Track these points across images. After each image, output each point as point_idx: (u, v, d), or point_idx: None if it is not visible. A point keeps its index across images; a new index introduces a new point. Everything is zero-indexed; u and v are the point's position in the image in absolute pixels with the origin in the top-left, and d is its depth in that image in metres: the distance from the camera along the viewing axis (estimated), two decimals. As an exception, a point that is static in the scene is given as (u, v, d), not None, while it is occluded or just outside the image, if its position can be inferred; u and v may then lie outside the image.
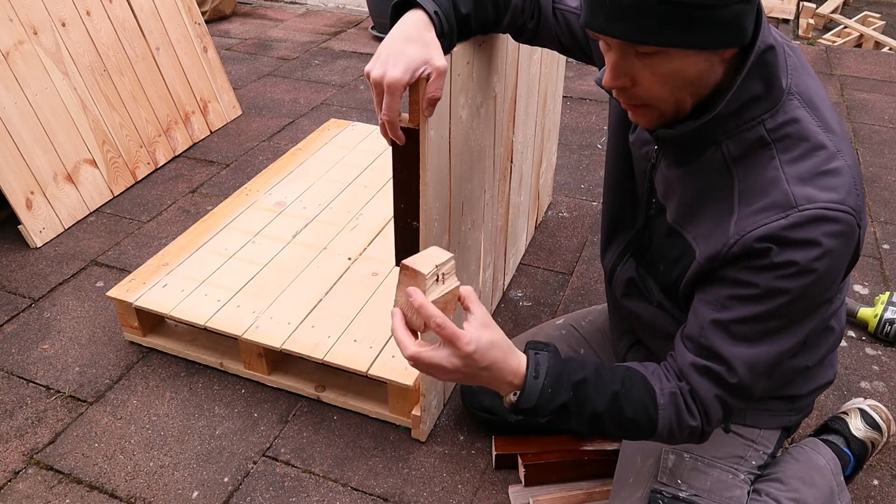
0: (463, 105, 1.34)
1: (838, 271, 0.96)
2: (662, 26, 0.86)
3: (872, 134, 3.05)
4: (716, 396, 1.01)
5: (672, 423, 1.02)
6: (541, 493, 1.48)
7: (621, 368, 1.06)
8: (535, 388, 0.98)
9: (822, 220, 0.91)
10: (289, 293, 1.85)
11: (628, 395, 1.02)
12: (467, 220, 1.55)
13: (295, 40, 4.20)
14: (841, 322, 1.22)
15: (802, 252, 0.91)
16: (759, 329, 0.97)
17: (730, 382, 0.99)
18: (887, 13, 5.07)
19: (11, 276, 2.20)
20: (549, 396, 0.98)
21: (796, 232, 0.91)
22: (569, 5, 1.25)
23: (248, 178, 2.65)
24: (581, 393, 1.00)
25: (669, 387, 1.03)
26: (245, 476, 1.56)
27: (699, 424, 1.03)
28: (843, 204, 0.91)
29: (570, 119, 3.17)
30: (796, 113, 0.95)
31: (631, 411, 1.02)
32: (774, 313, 0.96)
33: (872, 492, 1.51)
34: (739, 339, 0.98)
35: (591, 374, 1.02)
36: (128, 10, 2.70)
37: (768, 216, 0.93)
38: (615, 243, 1.29)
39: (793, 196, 0.92)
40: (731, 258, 0.96)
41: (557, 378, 0.99)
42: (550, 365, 0.99)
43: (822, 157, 0.94)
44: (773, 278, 0.93)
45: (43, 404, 1.75)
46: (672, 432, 1.04)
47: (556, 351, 1.03)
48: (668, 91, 0.94)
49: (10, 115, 2.25)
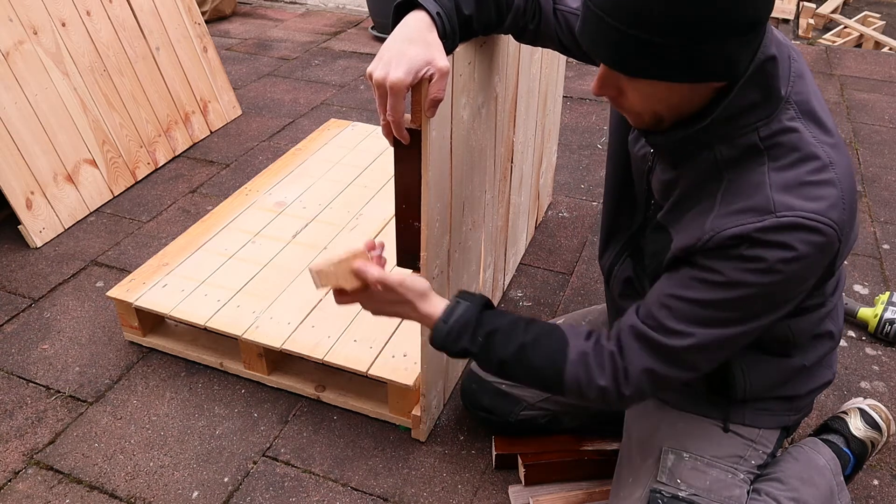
0: (464, 105, 1.34)
1: (805, 279, 0.97)
2: (642, 60, 0.88)
3: (872, 134, 3.05)
4: (645, 369, 1.04)
5: (581, 380, 1.08)
6: (541, 493, 1.48)
7: (546, 325, 1.15)
8: (441, 330, 1.14)
9: (798, 228, 0.92)
10: (289, 293, 1.85)
11: (537, 347, 1.11)
12: (468, 220, 1.55)
13: (295, 40, 4.20)
14: (838, 323, 1.22)
15: (773, 251, 0.92)
16: (712, 314, 0.99)
17: (666, 355, 1.02)
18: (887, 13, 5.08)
19: (11, 276, 2.20)
20: (453, 340, 1.13)
21: (769, 234, 0.92)
22: (569, 6, 1.25)
23: (248, 178, 2.65)
24: (488, 341, 1.12)
25: (584, 345, 1.09)
26: (245, 476, 1.57)
27: (609, 385, 1.06)
28: (823, 216, 0.92)
29: (570, 119, 3.17)
30: (792, 123, 0.96)
31: (538, 361, 1.10)
32: (731, 303, 0.97)
33: (872, 492, 1.51)
34: (691, 318, 1.00)
35: (505, 326, 1.13)
36: (128, 10, 2.70)
37: (745, 218, 0.94)
38: (613, 243, 1.30)
39: (773, 202, 0.93)
40: (703, 250, 0.98)
41: (464, 326, 1.13)
42: (462, 314, 1.13)
43: (811, 167, 0.95)
44: (739, 270, 0.95)
45: (43, 404, 1.75)
46: (581, 388, 1.09)
47: (482, 303, 1.16)
48: (652, 109, 0.97)
49: (10, 115, 2.25)
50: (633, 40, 0.86)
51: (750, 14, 0.85)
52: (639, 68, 0.89)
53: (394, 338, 1.70)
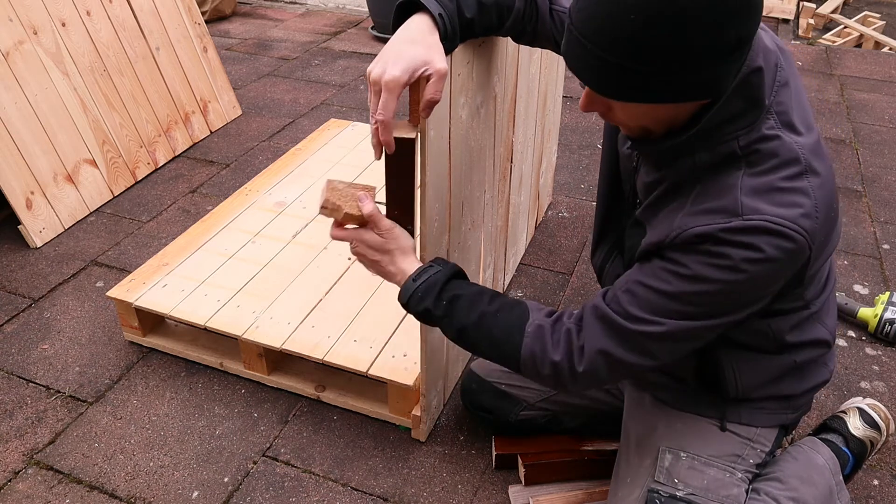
0: (463, 105, 1.34)
1: (770, 282, 0.98)
2: (625, 84, 0.88)
3: (872, 134, 3.05)
4: (601, 350, 1.05)
5: (535, 353, 1.10)
6: (541, 493, 1.48)
7: (511, 300, 1.17)
8: (408, 288, 1.17)
9: (764, 232, 0.93)
10: (289, 293, 1.85)
11: (498, 318, 1.13)
12: (467, 220, 1.55)
13: (295, 40, 4.20)
14: (828, 325, 1.22)
15: (738, 251, 0.93)
16: (673, 306, 1.00)
17: (623, 337, 1.03)
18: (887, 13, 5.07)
19: (11, 276, 2.20)
20: (417, 299, 1.17)
21: (734, 235, 0.93)
22: (564, 6, 1.25)
23: (248, 178, 2.65)
24: (451, 306, 1.15)
25: (543, 321, 1.11)
26: (245, 476, 1.57)
27: (562, 361, 1.08)
28: (792, 222, 0.93)
29: (570, 119, 3.17)
30: (771, 131, 0.97)
31: (497, 332, 1.13)
32: (694, 297, 0.98)
33: (872, 492, 1.51)
34: (653, 307, 1.01)
35: (470, 294, 1.16)
36: (128, 10, 2.70)
37: (712, 218, 0.95)
38: (604, 242, 1.31)
39: (741, 205, 0.94)
40: (671, 245, 0.99)
41: (431, 287, 1.16)
42: (431, 276, 1.17)
43: (786, 174, 0.95)
44: (704, 264, 0.96)
45: (43, 404, 1.75)
46: (535, 362, 1.11)
47: (454, 271, 1.19)
48: (640, 124, 0.98)
49: (10, 115, 2.25)
50: (616, 67, 0.87)
51: (733, 36, 0.85)
52: (622, 93, 0.90)
53: (394, 338, 1.70)
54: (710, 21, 0.82)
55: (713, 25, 0.82)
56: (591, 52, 0.88)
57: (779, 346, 1.17)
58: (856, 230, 2.40)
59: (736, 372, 1.19)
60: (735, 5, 0.82)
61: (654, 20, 0.82)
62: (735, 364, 1.18)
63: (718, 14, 0.82)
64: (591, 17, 0.87)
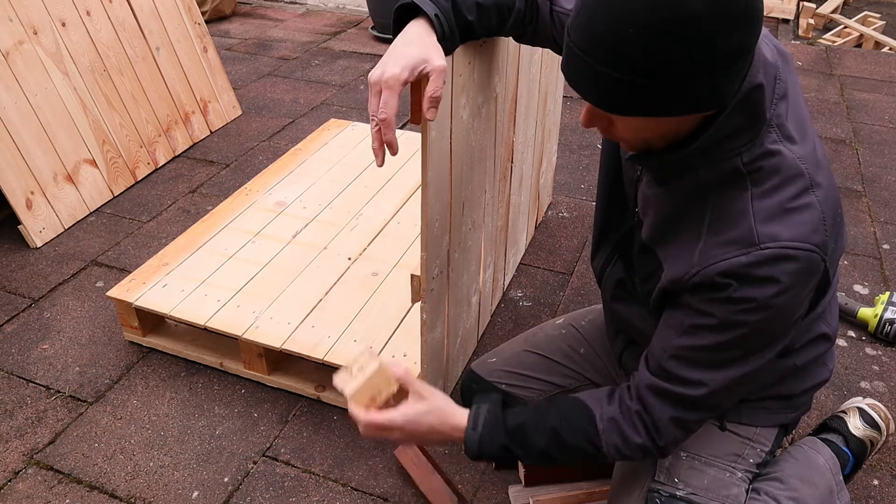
0: (464, 105, 1.34)
1: (798, 305, 0.99)
2: (627, 99, 0.87)
3: (872, 134, 3.05)
4: (671, 418, 1.06)
5: (618, 444, 1.10)
6: (541, 493, 1.48)
7: (565, 402, 1.16)
8: (473, 439, 1.14)
9: (782, 259, 0.93)
10: (289, 293, 1.85)
11: (567, 428, 1.12)
12: (468, 220, 1.55)
13: (295, 40, 4.20)
14: (831, 324, 1.22)
15: (761, 289, 0.94)
16: (717, 357, 1.01)
17: (687, 403, 1.05)
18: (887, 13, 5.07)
19: (11, 276, 2.20)
20: (488, 443, 1.14)
21: (756, 269, 0.93)
22: (565, 7, 1.25)
23: (248, 178, 2.65)
24: (520, 436, 1.14)
25: (610, 411, 1.11)
26: (245, 476, 1.57)
27: (645, 442, 1.09)
28: (806, 242, 0.93)
29: (570, 119, 3.17)
30: (774, 146, 0.96)
31: (573, 441, 1.12)
32: (733, 343, 0.99)
33: (872, 492, 1.51)
34: (699, 364, 1.02)
35: (529, 417, 1.15)
36: (128, 10, 2.70)
37: (730, 251, 0.95)
38: (604, 246, 1.30)
39: (757, 234, 0.94)
40: (692, 287, 0.99)
41: (493, 426, 1.14)
42: (487, 417, 1.14)
43: (792, 191, 0.95)
44: (731, 312, 0.96)
45: (43, 404, 1.75)
46: (621, 452, 1.11)
47: (497, 400, 1.17)
48: (642, 138, 0.97)
49: (10, 115, 2.25)
50: (616, 81, 0.86)
51: (734, 44, 0.84)
52: (623, 107, 0.89)
53: (394, 338, 1.70)
54: (710, 30, 0.81)
55: (713, 34, 0.81)
56: (590, 67, 0.87)
57: (783, 350, 1.17)
58: (856, 230, 2.40)
59: None
60: (735, 13, 0.82)
61: (653, 32, 0.81)
62: None
63: (718, 22, 0.81)
64: (589, 32, 0.86)
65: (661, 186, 1.06)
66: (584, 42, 0.87)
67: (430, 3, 1.11)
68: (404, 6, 1.12)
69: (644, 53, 0.82)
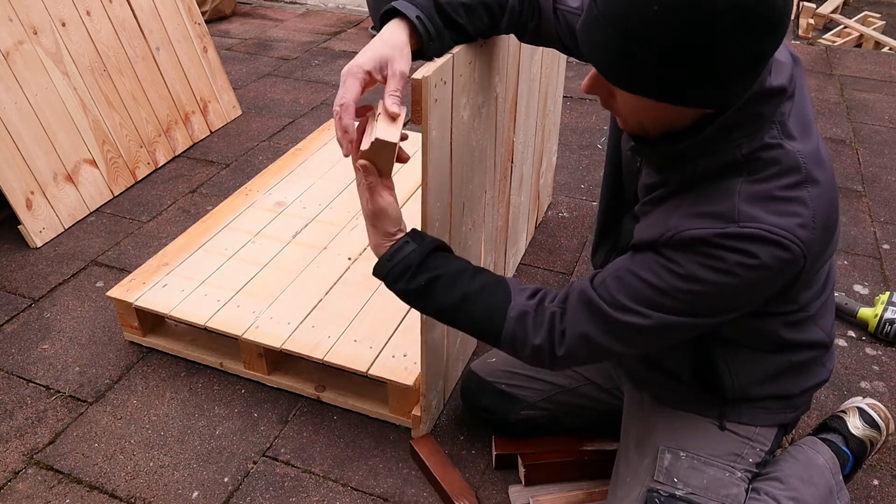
0: (465, 106, 1.34)
1: (760, 289, 0.98)
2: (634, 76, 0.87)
3: (872, 134, 3.05)
4: (582, 333, 1.06)
5: (517, 336, 1.11)
6: (541, 493, 1.48)
7: (493, 277, 1.16)
8: (382, 267, 1.15)
9: (760, 240, 0.92)
10: (289, 293, 1.85)
11: (480, 300, 1.12)
12: (468, 220, 1.55)
13: (295, 40, 4.20)
14: (825, 326, 1.21)
15: (733, 255, 0.93)
16: (661, 300, 1.00)
17: (606, 324, 1.04)
18: (887, 13, 5.07)
19: (11, 276, 2.20)
20: (393, 280, 1.15)
21: (729, 241, 0.93)
22: (570, 6, 1.25)
23: (248, 178, 2.65)
24: (430, 287, 1.13)
25: (525, 304, 1.11)
26: (245, 476, 1.57)
27: (544, 344, 1.09)
28: (788, 232, 0.93)
29: (570, 119, 3.17)
30: (774, 140, 0.96)
31: (477, 314, 1.13)
32: (683, 294, 0.98)
33: (872, 492, 1.51)
34: (639, 297, 1.01)
35: (451, 273, 1.13)
36: (128, 10, 2.70)
37: (707, 222, 0.95)
38: (604, 245, 1.30)
39: (738, 211, 0.94)
40: (663, 244, 0.99)
41: (406, 268, 1.13)
42: (406, 255, 1.13)
43: (786, 183, 0.95)
44: (697, 265, 0.96)
45: (43, 404, 1.75)
46: (515, 345, 1.12)
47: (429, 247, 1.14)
48: (637, 119, 0.97)
49: (10, 115, 2.25)
50: (630, 54, 0.86)
51: (757, 51, 0.83)
52: (628, 82, 0.89)
53: (394, 338, 1.70)
54: (738, 31, 0.80)
55: (740, 35, 0.81)
56: (607, 34, 0.87)
57: (773, 344, 1.17)
58: (856, 230, 2.40)
59: (731, 370, 1.19)
60: (767, 20, 0.81)
61: (681, 17, 0.80)
62: (730, 362, 1.18)
63: (748, 26, 0.80)
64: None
65: (660, 174, 1.06)
66: (610, 7, 0.86)
67: (412, 6, 1.13)
68: (389, 10, 1.15)
69: (664, 35, 0.82)
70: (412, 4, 1.13)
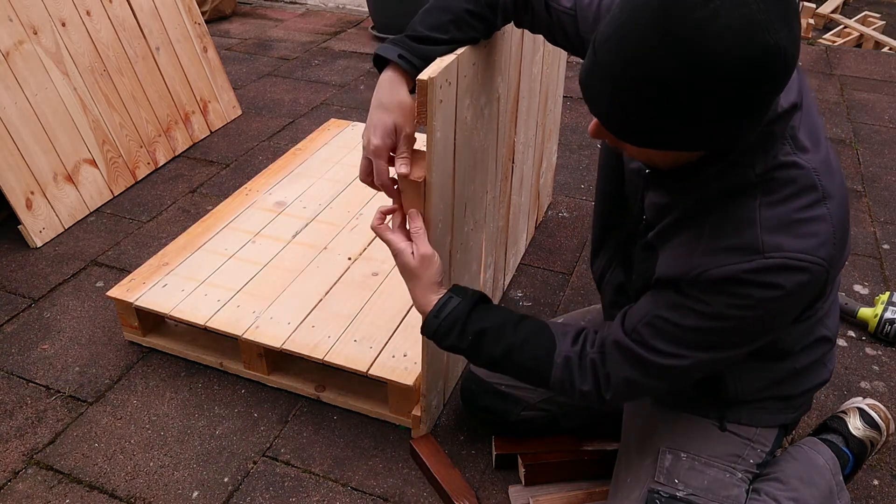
0: (468, 107, 1.35)
1: (791, 310, 1.01)
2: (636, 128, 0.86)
3: (873, 134, 3.05)
4: (626, 378, 1.09)
5: (565, 382, 1.15)
6: (541, 493, 1.48)
7: (536, 325, 1.19)
8: (432, 325, 1.20)
9: (786, 270, 0.93)
10: (289, 293, 1.85)
11: (525, 350, 1.16)
12: (469, 220, 1.55)
13: (295, 40, 4.20)
14: (832, 326, 1.21)
15: (761, 290, 0.94)
16: (695, 339, 1.02)
17: (647, 369, 1.06)
18: (887, 13, 5.07)
19: (11, 276, 2.20)
20: (443, 336, 1.19)
21: (757, 276, 0.93)
22: (563, 5, 1.25)
23: (248, 178, 2.65)
24: (476, 341, 1.17)
25: (569, 350, 1.15)
26: (245, 476, 1.57)
27: (592, 390, 1.13)
28: (812, 255, 0.93)
29: (570, 119, 3.17)
30: (787, 158, 0.95)
31: (527, 363, 1.17)
32: (717, 332, 1.01)
33: (872, 492, 1.52)
34: (675, 339, 1.03)
35: (495, 326, 1.17)
36: (128, 10, 2.70)
37: (732, 258, 0.95)
38: (604, 251, 1.30)
39: (762, 242, 0.93)
40: (690, 283, 1.00)
41: (453, 324, 1.18)
42: (453, 310, 1.18)
43: (804, 202, 0.95)
44: (726, 305, 0.97)
45: (43, 404, 1.75)
46: (565, 390, 1.16)
47: (473, 301, 1.19)
48: (647, 157, 0.97)
49: (10, 115, 2.25)
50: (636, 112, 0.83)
51: (766, 99, 0.81)
52: (628, 136, 0.87)
53: (394, 338, 1.70)
54: (742, 81, 0.77)
55: (745, 86, 0.78)
56: (604, 84, 0.84)
57: (782, 354, 1.17)
58: (856, 230, 2.40)
59: (736, 379, 1.19)
60: (773, 69, 0.78)
61: (684, 69, 0.77)
62: (737, 373, 1.18)
63: (753, 75, 0.77)
64: (621, 56, 0.81)
65: (671, 196, 1.05)
66: (605, 57, 0.83)
67: (394, 46, 1.17)
68: (375, 57, 1.19)
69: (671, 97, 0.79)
70: (394, 45, 1.18)
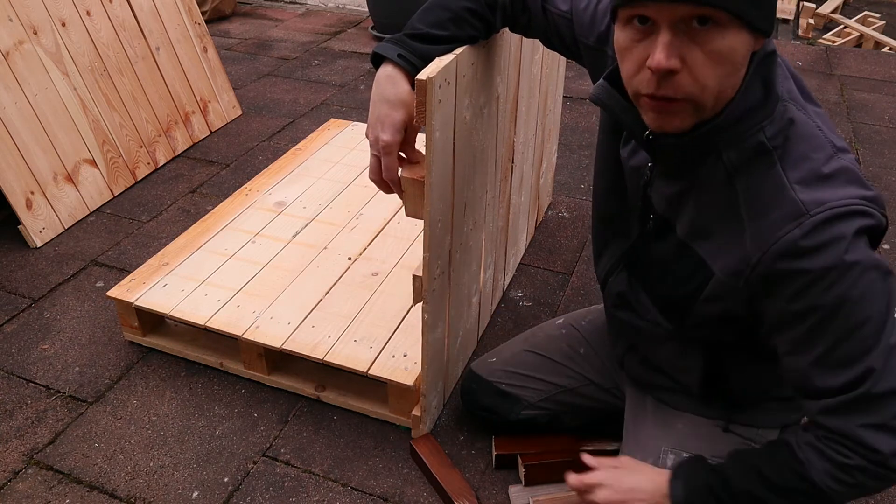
0: (468, 106, 1.35)
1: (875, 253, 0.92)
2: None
3: (872, 134, 3.05)
4: (862, 426, 0.94)
5: (832, 472, 0.97)
6: (541, 493, 1.48)
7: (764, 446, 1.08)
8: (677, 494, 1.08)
9: (836, 219, 0.89)
10: (289, 293, 1.85)
11: (769, 464, 1.02)
12: (469, 220, 1.55)
13: (295, 40, 4.20)
14: None
15: (830, 252, 0.88)
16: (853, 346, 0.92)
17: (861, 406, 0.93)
18: (887, 13, 5.08)
19: (11, 276, 2.20)
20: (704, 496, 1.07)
21: (814, 238, 0.89)
22: (559, 8, 1.25)
23: (248, 178, 2.65)
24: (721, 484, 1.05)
25: (805, 438, 1.00)
26: (245, 476, 1.57)
27: (864, 462, 0.95)
28: (855, 198, 0.90)
29: (570, 119, 3.17)
30: (793, 115, 0.96)
31: (779, 477, 1.01)
32: (853, 320, 0.90)
33: (872, 492, 1.51)
34: (842, 364, 0.92)
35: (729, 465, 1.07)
36: (128, 10, 2.70)
37: (781, 228, 0.91)
38: (607, 253, 1.28)
39: (801, 203, 0.91)
40: (760, 281, 0.94)
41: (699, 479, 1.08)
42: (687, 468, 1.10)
43: (822, 156, 0.94)
44: (822, 290, 0.89)
45: (43, 404, 1.75)
46: (843, 482, 0.97)
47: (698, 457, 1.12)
48: (716, 77, 0.88)
49: (10, 115, 2.25)
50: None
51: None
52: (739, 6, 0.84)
53: (394, 338, 1.70)
54: None
55: None
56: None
57: None
58: (856, 230, 2.39)
59: (743, 381, 1.18)
60: None
61: None
62: (743, 376, 1.18)
63: None
64: None
65: (680, 183, 1.03)
66: None
67: (393, 45, 1.17)
68: (374, 55, 1.19)
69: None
70: (392, 44, 1.17)
